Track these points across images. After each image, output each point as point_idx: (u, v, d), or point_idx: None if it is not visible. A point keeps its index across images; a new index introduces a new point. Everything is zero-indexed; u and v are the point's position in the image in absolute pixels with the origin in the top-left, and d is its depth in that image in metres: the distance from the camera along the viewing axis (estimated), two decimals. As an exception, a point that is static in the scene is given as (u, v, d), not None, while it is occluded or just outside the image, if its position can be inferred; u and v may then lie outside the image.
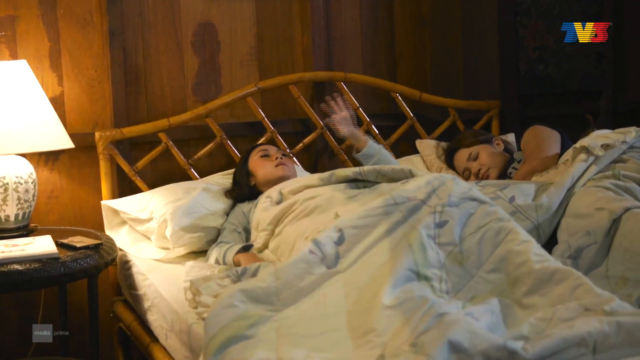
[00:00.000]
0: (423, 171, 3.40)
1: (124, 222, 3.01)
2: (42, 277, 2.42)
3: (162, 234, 2.79)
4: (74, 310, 3.06)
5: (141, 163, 3.14)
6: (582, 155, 2.62)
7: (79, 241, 2.65)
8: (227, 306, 1.81)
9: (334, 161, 3.56)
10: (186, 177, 3.22)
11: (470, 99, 3.89)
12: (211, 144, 3.26)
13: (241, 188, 2.93)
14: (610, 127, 3.03)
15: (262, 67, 3.48)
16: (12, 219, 2.69)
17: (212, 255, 2.66)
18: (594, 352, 1.51)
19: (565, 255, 2.31)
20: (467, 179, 3.26)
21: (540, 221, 2.45)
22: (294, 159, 3.37)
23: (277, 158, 2.91)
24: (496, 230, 2.07)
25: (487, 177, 3.16)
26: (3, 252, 2.47)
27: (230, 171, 3.11)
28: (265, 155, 2.94)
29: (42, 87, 2.88)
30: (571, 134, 3.19)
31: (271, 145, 3.08)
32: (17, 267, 2.40)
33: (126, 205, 2.95)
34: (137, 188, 3.13)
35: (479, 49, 3.98)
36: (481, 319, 1.66)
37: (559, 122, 3.43)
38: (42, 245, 2.56)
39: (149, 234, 2.89)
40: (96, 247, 2.62)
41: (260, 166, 2.91)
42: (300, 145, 3.45)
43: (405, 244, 2.01)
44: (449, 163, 3.40)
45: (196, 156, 3.24)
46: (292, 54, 3.56)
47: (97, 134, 3.04)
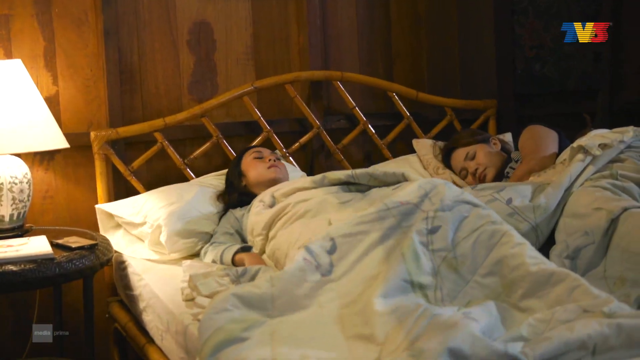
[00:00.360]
0: (419, 171, 3.40)
1: (119, 225, 2.99)
2: (37, 277, 2.40)
3: (156, 239, 2.79)
4: (70, 311, 3.05)
5: (137, 163, 3.13)
6: (580, 155, 2.61)
7: (74, 241, 2.64)
8: (221, 310, 1.80)
9: (330, 161, 3.55)
10: (182, 177, 3.21)
11: (467, 98, 3.88)
12: (207, 144, 3.25)
13: (233, 189, 2.93)
14: (607, 126, 3.02)
15: (258, 66, 3.47)
16: (6, 219, 2.68)
17: (208, 255, 2.65)
18: (593, 353, 1.50)
19: (563, 255, 2.30)
20: (464, 178, 3.25)
21: (538, 222, 2.44)
22: (290, 158, 3.36)
23: (269, 160, 2.92)
24: (490, 233, 2.07)
25: (484, 177, 3.15)
26: (-2, 252, 2.45)
27: (224, 171, 3.11)
28: (259, 157, 2.95)
29: (37, 87, 2.86)
30: (568, 133, 3.18)
31: (265, 148, 3.08)
32: (12, 267, 2.38)
33: (120, 208, 2.94)
34: (132, 188, 3.13)
35: (475, 47, 3.98)
36: (480, 320, 1.64)
37: (555, 121, 3.42)
38: (37, 245, 2.54)
39: (143, 237, 2.88)
40: (91, 247, 2.61)
41: (252, 167, 2.92)
42: (297, 144, 3.44)
43: (399, 252, 2.01)
44: (446, 162, 3.39)
45: (192, 156, 3.23)
46: (289, 53, 3.55)
47: (93, 134, 3.03)
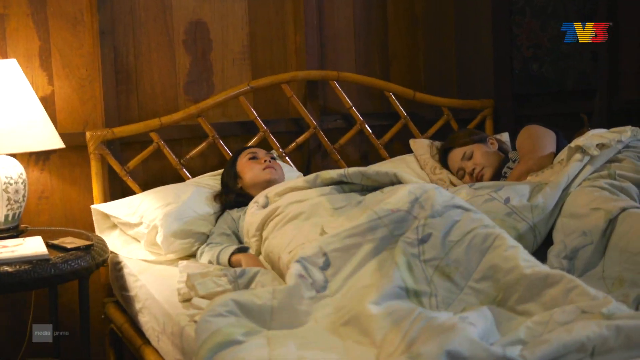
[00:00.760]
0: (416, 171, 3.39)
1: (115, 226, 2.98)
2: (33, 278, 2.39)
3: (153, 240, 2.78)
4: (65, 312, 3.04)
5: (132, 163, 3.11)
6: (578, 155, 2.60)
7: (69, 242, 2.62)
8: (219, 315, 1.80)
9: (327, 161, 3.54)
10: (178, 177, 3.19)
11: (464, 98, 3.88)
12: (203, 144, 3.23)
13: (229, 191, 2.92)
14: (605, 126, 3.02)
15: (254, 66, 3.46)
16: (2, 219, 2.66)
17: (205, 256, 2.64)
18: (592, 355, 1.50)
19: (561, 255, 2.30)
20: (461, 178, 3.25)
21: (536, 222, 2.43)
22: (287, 158, 3.35)
23: (265, 161, 2.91)
24: (483, 236, 2.06)
25: (482, 177, 3.15)
26: (-7, 253, 2.44)
27: (220, 171, 3.10)
28: (254, 158, 2.94)
29: (32, 87, 2.85)
30: (566, 133, 3.17)
31: (260, 149, 3.07)
32: (7, 268, 2.37)
33: (116, 209, 2.93)
34: (128, 188, 3.11)
35: (472, 47, 3.97)
36: (477, 324, 1.64)
37: (553, 121, 3.41)
38: (33, 246, 2.53)
39: (139, 238, 2.87)
40: (87, 248, 2.60)
41: (248, 168, 2.91)
42: (293, 144, 3.42)
43: (392, 261, 2.00)
44: (443, 162, 3.38)
45: (188, 156, 3.22)
46: (285, 53, 3.54)
47: (88, 134, 3.01)
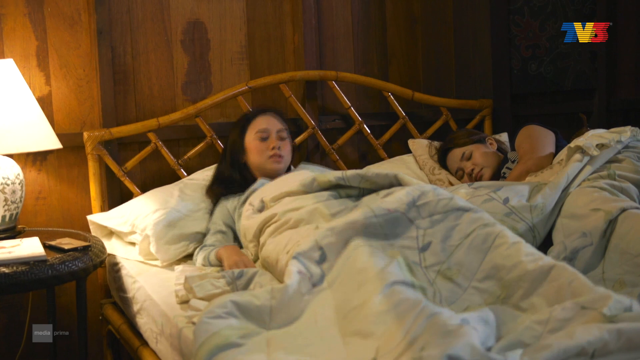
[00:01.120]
0: (415, 172, 3.38)
1: (113, 232, 2.99)
2: (30, 280, 2.38)
3: (147, 249, 2.78)
4: (63, 313, 3.03)
5: (130, 163, 3.10)
6: (577, 156, 2.60)
7: (67, 243, 2.61)
8: (217, 317, 1.79)
9: (325, 161, 3.53)
10: (176, 177, 3.18)
11: (463, 98, 3.87)
12: (201, 144, 3.22)
13: (233, 162, 2.86)
14: (604, 126, 3.02)
15: (252, 66, 3.45)
16: (-2, 220, 2.65)
17: (199, 260, 2.63)
18: (592, 357, 1.49)
19: (561, 256, 2.29)
20: (460, 178, 3.24)
21: (535, 222, 2.43)
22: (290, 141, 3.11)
23: (273, 148, 2.84)
24: (483, 237, 2.05)
25: (481, 177, 3.14)
26: (-11, 254, 2.43)
27: (212, 167, 3.09)
28: (264, 139, 2.87)
29: (30, 87, 2.84)
30: (565, 133, 3.17)
31: (272, 121, 2.93)
32: (4, 269, 2.36)
33: (109, 219, 2.93)
34: (126, 189, 3.10)
35: (471, 47, 3.96)
36: (478, 328, 1.63)
37: (552, 121, 3.42)
38: (30, 247, 2.52)
39: (136, 242, 2.86)
40: (85, 249, 2.58)
41: (255, 150, 2.86)
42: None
43: (390, 255, 2.00)
44: (442, 163, 3.38)
45: (186, 156, 3.21)
46: (283, 52, 3.53)
47: (86, 134, 3.00)
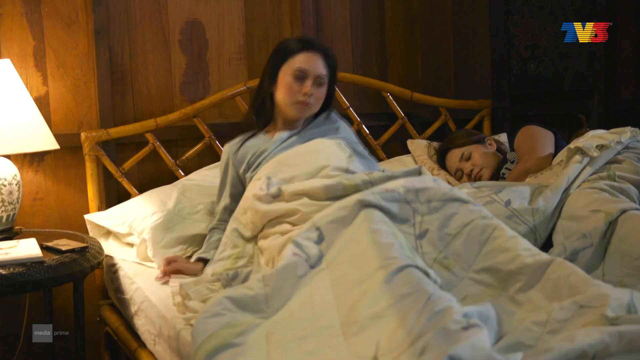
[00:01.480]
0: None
1: (110, 232, 2.98)
2: (27, 281, 2.36)
3: (144, 253, 2.76)
4: (60, 314, 3.02)
5: (128, 164, 3.09)
6: (577, 157, 2.59)
7: (64, 244, 2.60)
8: (214, 315, 1.77)
9: (324, 161, 3.52)
10: (174, 178, 3.17)
11: (462, 99, 3.87)
12: (199, 145, 3.21)
13: (261, 89, 2.73)
14: (603, 126, 3.01)
15: (251, 66, 3.44)
16: (-5, 221, 2.64)
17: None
18: (592, 359, 1.48)
19: (561, 258, 2.28)
20: (459, 179, 3.23)
21: (537, 224, 2.41)
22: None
23: (305, 94, 2.61)
24: (481, 228, 2.03)
25: (480, 178, 3.13)
26: (-14, 256, 2.41)
27: (210, 166, 3.11)
28: (299, 78, 2.62)
29: (27, 87, 2.83)
30: (564, 133, 3.16)
31: (315, 63, 2.64)
32: (1, 271, 2.34)
33: (106, 220, 2.92)
34: (123, 189, 3.09)
35: (470, 47, 3.96)
36: (483, 326, 1.61)
37: (551, 121, 3.41)
38: (27, 248, 2.50)
39: (133, 243, 2.85)
40: (82, 250, 2.57)
41: (285, 87, 2.63)
42: (290, 145, 3.40)
43: (390, 232, 1.94)
44: (441, 163, 3.37)
45: (184, 157, 3.20)
46: (282, 52, 3.52)
47: (83, 135, 2.99)
